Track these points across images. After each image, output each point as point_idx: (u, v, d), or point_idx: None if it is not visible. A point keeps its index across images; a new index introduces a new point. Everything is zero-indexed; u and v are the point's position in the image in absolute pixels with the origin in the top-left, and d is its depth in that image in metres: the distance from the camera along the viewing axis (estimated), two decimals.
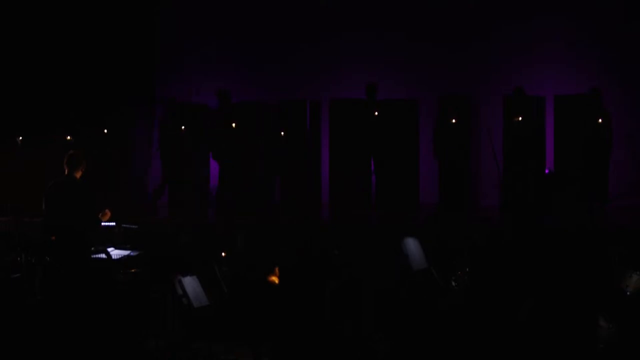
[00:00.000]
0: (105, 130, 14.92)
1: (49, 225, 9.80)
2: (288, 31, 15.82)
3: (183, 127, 14.65)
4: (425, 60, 15.27)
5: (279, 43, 15.85)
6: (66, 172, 9.83)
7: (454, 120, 14.10)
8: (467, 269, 10.24)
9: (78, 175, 9.84)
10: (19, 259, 10.59)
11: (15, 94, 15.15)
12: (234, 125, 14.50)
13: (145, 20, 16.02)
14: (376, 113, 14.33)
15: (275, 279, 10.37)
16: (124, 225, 10.28)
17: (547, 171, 14.11)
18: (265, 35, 15.88)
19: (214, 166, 15.05)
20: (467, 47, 15.18)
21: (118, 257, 10.16)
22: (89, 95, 15.33)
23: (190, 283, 9.41)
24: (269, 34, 15.87)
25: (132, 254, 10.27)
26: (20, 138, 13.71)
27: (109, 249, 10.15)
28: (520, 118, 13.84)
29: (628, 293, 9.60)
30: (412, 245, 10.41)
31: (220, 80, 15.73)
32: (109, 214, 10.00)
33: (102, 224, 10.04)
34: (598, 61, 14.70)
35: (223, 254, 10.65)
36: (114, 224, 10.23)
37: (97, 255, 10.00)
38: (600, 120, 13.58)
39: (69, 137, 14.34)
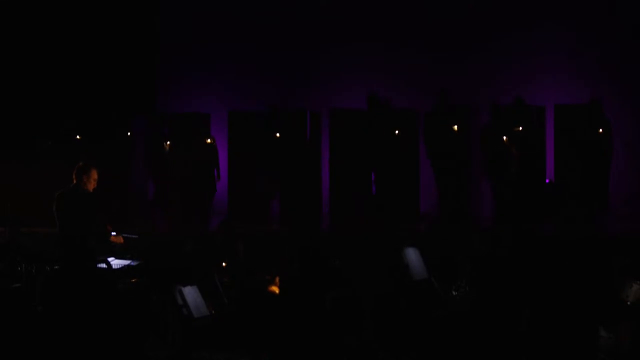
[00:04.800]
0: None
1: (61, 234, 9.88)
2: (288, 39, 15.84)
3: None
4: (425, 70, 15.28)
5: (278, 51, 15.87)
6: (74, 182, 9.92)
7: (456, 127, 14.12)
8: (468, 278, 10.24)
9: (89, 186, 9.89)
10: (19, 268, 10.60)
11: (12, 100, 15.18)
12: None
13: (145, 29, 16.05)
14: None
15: (275, 289, 10.38)
16: (125, 235, 10.29)
17: (547, 181, 14.13)
18: (266, 44, 15.91)
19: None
20: (467, 56, 15.19)
21: (119, 266, 10.17)
22: (89, 103, 15.34)
23: (190, 293, 9.43)
24: (270, 43, 15.89)
25: (132, 263, 10.28)
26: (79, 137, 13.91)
27: (110, 259, 10.16)
28: (520, 128, 13.86)
29: (629, 303, 9.59)
30: (412, 255, 10.42)
31: (220, 90, 15.77)
32: (121, 240, 10.08)
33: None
34: (598, 70, 14.71)
35: (224, 264, 10.66)
36: (114, 233, 10.24)
37: (97, 265, 10.01)
38: (600, 130, 13.60)
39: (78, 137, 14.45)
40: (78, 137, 14.82)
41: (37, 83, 15.26)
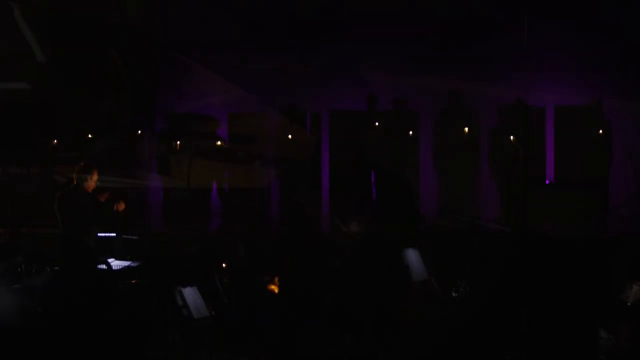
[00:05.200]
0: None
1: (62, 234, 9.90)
2: (288, 39, 15.84)
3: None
4: (425, 70, 15.28)
5: (279, 51, 15.87)
6: (74, 182, 9.94)
7: (466, 129, 14.13)
8: (468, 278, 10.25)
9: (89, 186, 9.91)
10: (19, 269, 10.61)
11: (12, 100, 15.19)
12: None
13: (144, 35, 16.06)
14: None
15: (274, 288, 10.39)
16: (125, 236, 10.30)
17: (547, 182, 14.13)
18: (266, 44, 15.91)
19: None
20: (467, 57, 15.19)
21: (118, 267, 10.18)
22: (88, 102, 15.36)
23: (190, 294, 9.43)
24: (270, 43, 15.89)
25: (132, 264, 10.29)
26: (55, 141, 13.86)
27: (110, 260, 10.17)
28: (520, 128, 13.86)
29: (629, 304, 9.59)
30: (412, 256, 10.43)
31: (220, 90, 15.76)
32: (123, 205, 10.09)
33: (102, 234, 10.09)
34: (598, 70, 14.71)
35: (224, 265, 10.67)
36: (114, 234, 10.25)
37: (97, 266, 10.03)
38: (600, 131, 13.60)
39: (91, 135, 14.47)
40: (90, 136, 14.86)
41: (36, 83, 15.26)
